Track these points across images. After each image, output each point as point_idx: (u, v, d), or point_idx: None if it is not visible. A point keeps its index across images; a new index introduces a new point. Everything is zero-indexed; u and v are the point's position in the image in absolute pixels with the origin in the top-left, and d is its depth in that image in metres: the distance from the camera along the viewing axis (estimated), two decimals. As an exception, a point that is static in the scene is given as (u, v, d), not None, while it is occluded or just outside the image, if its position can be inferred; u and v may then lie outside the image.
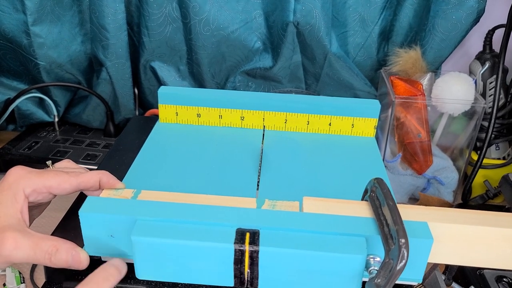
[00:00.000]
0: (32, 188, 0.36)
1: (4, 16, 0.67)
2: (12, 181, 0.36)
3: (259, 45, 0.73)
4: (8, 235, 0.33)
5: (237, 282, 0.32)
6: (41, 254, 0.34)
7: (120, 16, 0.67)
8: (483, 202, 0.64)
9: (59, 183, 0.37)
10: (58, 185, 0.37)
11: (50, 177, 0.37)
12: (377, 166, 0.49)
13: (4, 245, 0.33)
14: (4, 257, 0.33)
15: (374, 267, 0.31)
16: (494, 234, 0.33)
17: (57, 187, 0.37)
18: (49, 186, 0.37)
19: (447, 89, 0.61)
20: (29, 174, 0.36)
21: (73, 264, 0.35)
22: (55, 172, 0.38)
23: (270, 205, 0.37)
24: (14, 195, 0.35)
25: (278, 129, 0.55)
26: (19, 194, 0.36)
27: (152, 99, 0.80)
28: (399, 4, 0.70)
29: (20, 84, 0.77)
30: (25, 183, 0.36)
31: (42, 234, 0.35)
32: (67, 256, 0.34)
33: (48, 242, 0.34)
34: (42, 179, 0.37)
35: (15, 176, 0.36)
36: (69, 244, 0.34)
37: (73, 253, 0.34)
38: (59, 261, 0.34)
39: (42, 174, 0.37)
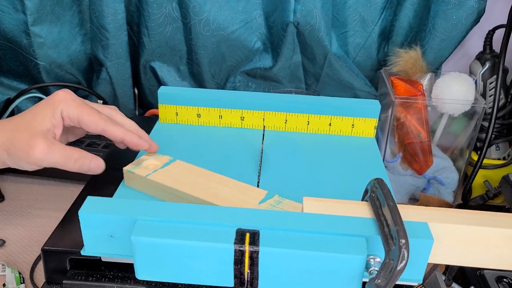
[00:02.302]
0: (67, 114, 0.41)
1: (4, 16, 0.67)
2: (56, 100, 0.41)
3: (259, 45, 0.73)
4: (41, 140, 0.39)
5: (237, 282, 0.32)
6: (68, 159, 0.40)
7: (120, 16, 0.67)
8: (483, 203, 0.64)
9: (88, 121, 0.42)
10: (87, 123, 0.42)
11: (86, 113, 0.42)
12: (377, 166, 0.49)
13: (37, 148, 0.39)
14: (36, 160, 0.39)
15: (374, 268, 0.31)
16: (494, 235, 0.33)
17: (86, 123, 0.42)
18: (81, 120, 0.42)
19: (447, 89, 0.61)
20: (72, 101, 0.42)
21: (92, 169, 0.42)
22: (91, 110, 0.42)
23: (276, 201, 0.39)
24: (53, 112, 0.41)
25: (278, 129, 0.55)
26: (57, 113, 0.41)
27: (152, 99, 0.80)
28: (399, 4, 0.70)
29: (20, 84, 0.77)
30: (65, 107, 0.41)
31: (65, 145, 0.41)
32: (90, 161, 0.42)
33: (74, 150, 0.41)
34: (78, 111, 0.42)
35: (60, 97, 0.41)
36: (90, 154, 0.42)
37: (93, 160, 0.42)
38: (82, 165, 0.41)
39: (81, 106, 0.42)
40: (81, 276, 0.38)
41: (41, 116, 0.40)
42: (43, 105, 0.41)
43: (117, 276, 0.38)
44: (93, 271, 0.38)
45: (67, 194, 0.66)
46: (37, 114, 0.41)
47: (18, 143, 0.39)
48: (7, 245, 0.56)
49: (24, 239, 0.57)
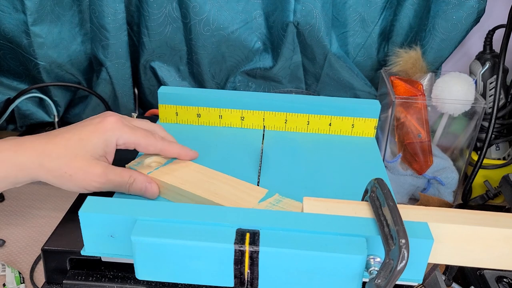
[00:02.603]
0: (124, 141, 0.41)
1: (4, 16, 0.67)
2: (110, 128, 0.40)
3: (259, 45, 0.73)
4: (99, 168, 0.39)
5: (237, 282, 0.32)
6: (123, 185, 0.40)
7: (120, 16, 0.67)
8: (483, 203, 0.64)
9: (147, 144, 0.42)
10: (145, 146, 0.42)
11: (141, 136, 0.42)
12: (377, 166, 0.49)
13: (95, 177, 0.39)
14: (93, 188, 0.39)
15: (374, 268, 0.31)
16: (494, 235, 0.33)
17: (144, 147, 0.43)
18: (137, 144, 0.42)
19: (447, 89, 0.61)
20: (125, 127, 0.41)
21: (146, 193, 0.41)
22: (146, 132, 0.43)
23: (276, 199, 0.40)
24: (106, 141, 0.40)
25: (278, 129, 0.55)
26: (112, 142, 0.41)
27: (152, 99, 0.80)
28: (399, 4, 0.70)
29: (20, 84, 0.77)
30: (120, 135, 0.41)
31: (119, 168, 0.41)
32: (142, 186, 0.41)
33: (128, 173, 0.41)
34: (134, 136, 0.42)
35: (113, 125, 0.41)
36: (144, 177, 0.42)
37: (147, 184, 0.41)
38: (135, 189, 0.41)
39: (135, 131, 0.42)
40: (81, 276, 0.37)
41: (92, 143, 0.39)
42: (92, 130, 0.40)
43: (117, 276, 0.38)
44: (93, 271, 0.38)
45: (67, 194, 0.66)
46: (86, 140, 0.39)
47: (74, 173, 0.38)
48: (7, 245, 0.56)
49: (24, 239, 0.57)
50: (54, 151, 0.38)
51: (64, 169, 0.38)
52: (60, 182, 0.39)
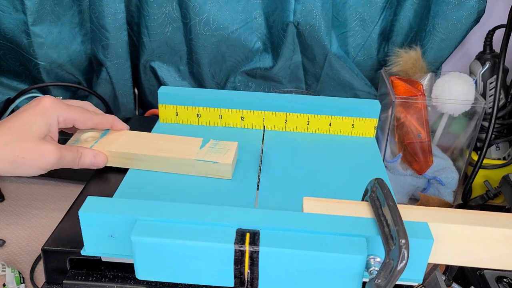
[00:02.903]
0: (63, 118, 0.43)
1: (4, 16, 0.67)
2: (48, 107, 0.42)
3: (259, 45, 0.73)
4: (50, 146, 0.40)
5: (237, 282, 0.32)
6: (74, 158, 0.43)
7: (120, 16, 0.67)
8: (483, 203, 0.64)
9: (84, 119, 0.45)
10: (83, 121, 0.45)
11: (77, 112, 0.44)
12: (377, 166, 0.49)
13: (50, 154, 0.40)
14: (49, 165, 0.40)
15: (375, 268, 0.31)
16: (494, 235, 0.33)
17: (82, 122, 0.45)
18: (76, 119, 0.44)
19: (447, 89, 0.61)
20: (62, 105, 0.43)
21: (96, 163, 0.45)
22: (81, 109, 0.45)
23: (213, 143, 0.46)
24: (48, 119, 0.42)
25: (278, 129, 0.55)
26: (53, 120, 0.42)
27: (152, 99, 0.80)
28: (399, 4, 0.70)
29: (20, 84, 0.77)
30: (59, 112, 0.43)
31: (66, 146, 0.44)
32: (90, 158, 0.44)
33: (76, 148, 0.44)
34: (72, 113, 0.44)
35: (51, 104, 0.42)
36: (89, 150, 0.44)
37: (94, 155, 0.44)
38: (84, 162, 0.44)
39: (71, 108, 0.44)
40: (81, 276, 0.38)
41: (35, 124, 0.41)
42: (32, 113, 0.42)
43: (117, 276, 0.38)
44: (93, 271, 0.38)
45: (67, 194, 0.66)
46: (30, 123, 0.41)
47: (26, 154, 0.39)
48: (7, 245, 0.56)
49: (24, 239, 0.57)
50: (1, 139, 0.39)
51: (16, 153, 0.39)
52: (15, 167, 0.40)
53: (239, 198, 0.42)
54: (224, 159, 0.44)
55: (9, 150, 0.39)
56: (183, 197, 0.42)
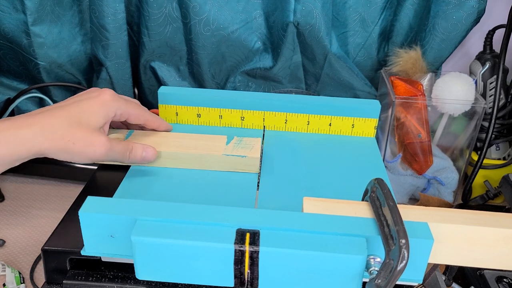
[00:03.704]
0: (121, 112, 0.44)
1: (4, 16, 0.67)
2: (109, 99, 0.43)
3: (259, 45, 0.73)
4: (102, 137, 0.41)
5: (237, 282, 0.32)
6: (124, 152, 0.43)
7: (120, 16, 0.67)
8: (483, 203, 0.64)
9: (138, 114, 0.46)
10: (137, 116, 0.46)
11: (133, 107, 0.46)
12: (377, 166, 0.49)
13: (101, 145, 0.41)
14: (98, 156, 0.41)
15: (375, 268, 0.31)
16: (494, 235, 0.33)
17: (135, 117, 0.46)
18: (131, 114, 0.46)
19: (447, 89, 0.61)
20: (121, 99, 0.44)
21: (146, 157, 0.45)
22: (136, 104, 0.47)
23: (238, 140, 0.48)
24: (107, 111, 0.43)
25: (278, 129, 0.55)
26: (111, 112, 0.43)
27: (152, 99, 0.80)
28: (399, 4, 0.70)
29: (20, 84, 0.77)
30: (119, 106, 0.44)
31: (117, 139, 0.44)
32: (141, 151, 0.44)
33: (127, 143, 0.44)
34: (128, 107, 0.45)
35: (111, 97, 0.43)
36: (140, 144, 0.45)
37: (145, 148, 0.45)
38: (135, 156, 0.44)
39: (129, 103, 0.45)
40: (81, 276, 0.37)
41: (94, 114, 0.42)
42: (92, 103, 0.42)
43: (117, 276, 0.38)
44: (93, 271, 0.38)
45: (67, 194, 0.66)
46: (88, 112, 0.41)
47: (77, 140, 0.40)
48: (7, 245, 0.56)
49: (24, 239, 0.57)
50: (56, 122, 0.39)
51: (67, 137, 0.39)
52: (64, 151, 0.40)
53: (239, 198, 0.42)
54: (252, 153, 0.46)
55: (63, 134, 0.39)
56: (183, 197, 0.42)
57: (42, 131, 0.39)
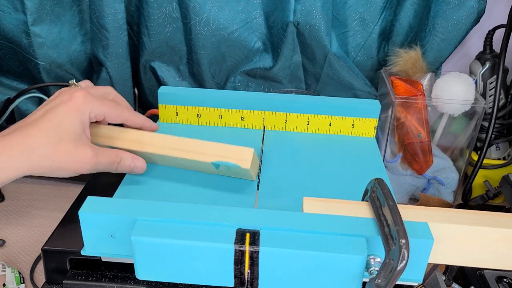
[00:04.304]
0: (95, 113, 0.42)
1: (4, 16, 0.67)
2: (81, 103, 0.40)
3: (259, 45, 0.73)
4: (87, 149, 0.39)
5: (237, 282, 0.32)
6: (112, 163, 0.41)
7: (120, 16, 0.67)
8: (483, 203, 0.64)
9: (115, 115, 0.44)
10: (114, 116, 0.44)
11: (109, 107, 0.43)
12: (377, 166, 0.49)
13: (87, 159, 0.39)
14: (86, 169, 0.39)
15: (375, 268, 0.31)
16: (494, 235, 0.33)
17: (112, 117, 0.44)
18: (107, 114, 0.43)
19: (447, 89, 0.61)
20: (94, 100, 0.42)
21: (134, 169, 0.43)
22: (113, 103, 0.44)
23: None
24: (81, 117, 0.40)
25: (278, 129, 0.55)
26: (86, 117, 0.41)
27: (152, 99, 0.80)
28: (399, 4, 0.70)
29: (20, 84, 0.77)
30: (92, 108, 0.41)
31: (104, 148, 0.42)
32: (130, 162, 0.43)
33: (114, 152, 0.42)
34: (103, 107, 0.42)
35: (83, 99, 0.41)
36: (128, 153, 0.43)
37: (134, 160, 0.43)
38: (123, 167, 0.42)
39: (103, 103, 0.43)
40: (81, 276, 0.38)
41: (71, 124, 0.39)
42: (65, 110, 0.40)
43: (117, 276, 0.38)
44: (93, 271, 0.38)
45: (67, 194, 0.66)
46: (65, 123, 0.39)
47: (61, 158, 0.38)
48: (7, 245, 0.56)
49: (24, 239, 0.57)
50: (36, 141, 0.38)
51: (51, 157, 0.38)
52: (51, 170, 0.39)
53: (239, 198, 0.42)
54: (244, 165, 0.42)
55: (45, 154, 0.38)
56: (183, 197, 0.42)
57: (22, 153, 0.37)
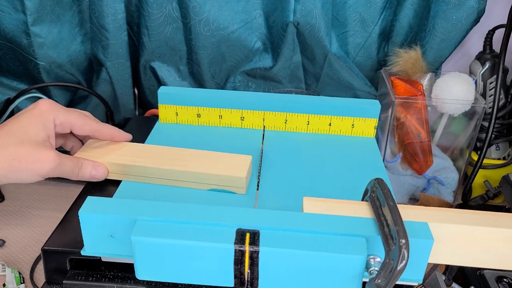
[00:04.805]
0: (60, 121, 0.42)
1: (4, 16, 0.67)
2: (45, 109, 0.41)
3: (259, 45, 0.73)
4: (49, 152, 0.39)
5: (237, 282, 0.32)
6: (74, 168, 0.41)
7: (120, 16, 0.67)
8: (483, 203, 0.64)
9: (82, 124, 0.43)
10: (80, 125, 0.43)
11: (76, 116, 0.43)
12: (377, 166, 0.49)
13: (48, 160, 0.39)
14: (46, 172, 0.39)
15: (375, 268, 0.31)
16: (494, 235, 0.33)
17: (79, 127, 0.43)
18: (74, 124, 0.43)
19: (447, 89, 0.61)
20: (60, 108, 0.42)
21: (95, 175, 0.43)
22: (80, 113, 0.44)
23: None
24: (45, 122, 0.40)
25: (278, 129, 0.55)
26: (50, 123, 0.41)
27: (152, 99, 0.80)
28: (399, 4, 0.70)
29: (20, 84, 0.77)
30: (56, 115, 0.42)
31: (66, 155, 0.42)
32: (90, 169, 0.42)
33: (76, 158, 0.42)
34: (69, 116, 0.42)
35: (48, 106, 0.41)
36: (90, 161, 0.43)
37: (95, 167, 0.43)
38: (84, 173, 0.42)
39: (70, 111, 0.43)
40: (81, 276, 0.38)
41: (32, 127, 0.40)
42: (29, 115, 0.40)
43: (117, 276, 0.38)
44: (93, 271, 0.38)
45: (67, 194, 0.66)
46: (26, 126, 0.40)
47: (22, 157, 0.38)
48: (7, 245, 0.56)
49: (24, 239, 0.57)
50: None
51: (12, 157, 0.38)
52: (11, 171, 0.38)
53: (239, 198, 0.42)
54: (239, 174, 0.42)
55: (5, 154, 0.38)
56: (182, 197, 0.42)
57: None
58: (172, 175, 0.43)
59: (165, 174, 0.43)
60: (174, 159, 0.44)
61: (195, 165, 0.43)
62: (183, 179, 0.43)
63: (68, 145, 0.48)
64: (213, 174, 0.42)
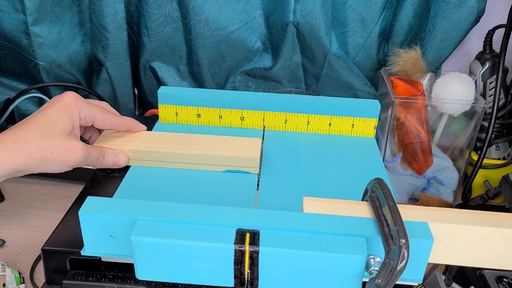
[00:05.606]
0: (84, 114, 0.44)
1: (4, 16, 0.67)
2: (72, 102, 0.43)
3: (259, 45, 0.73)
4: (78, 143, 0.41)
5: (237, 282, 0.32)
6: (99, 157, 0.44)
7: (120, 16, 0.67)
8: (483, 202, 0.64)
9: (103, 118, 0.45)
10: (102, 120, 0.45)
11: (97, 111, 0.45)
12: (377, 166, 0.49)
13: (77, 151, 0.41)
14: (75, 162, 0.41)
15: (374, 268, 0.31)
16: (494, 234, 0.33)
17: (100, 121, 0.45)
18: (96, 118, 0.45)
19: (447, 89, 0.61)
20: (83, 101, 0.44)
21: (117, 162, 0.45)
22: (101, 108, 0.46)
23: None
24: (71, 114, 0.42)
25: (278, 129, 0.55)
26: (76, 115, 0.43)
27: (152, 99, 0.80)
28: (399, 4, 0.70)
29: (20, 84, 0.77)
30: (81, 108, 0.43)
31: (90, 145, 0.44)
32: (113, 157, 0.45)
33: (101, 148, 0.44)
34: (92, 111, 0.44)
35: (73, 99, 0.43)
36: (111, 149, 0.45)
37: (117, 154, 0.45)
38: (107, 161, 0.45)
39: (92, 106, 0.45)
40: (81, 276, 0.37)
41: (61, 120, 0.41)
42: (56, 108, 0.42)
43: (117, 276, 0.38)
44: (93, 271, 0.38)
45: (67, 194, 0.66)
46: (55, 118, 0.41)
47: (54, 149, 0.40)
48: (7, 245, 0.56)
49: (24, 239, 0.57)
50: (29, 135, 0.39)
51: (44, 148, 0.39)
52: (43, 163, 0.40)
53: (239, 198, 0.42)
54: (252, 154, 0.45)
55: (38, 146, 0.39)
56: (183, 197, 0.42)
57: (15, 146, 0.38)
58: (189, 158, 0.46)
59: (182, 158, 0.46)
60: (189, 143, 0.47)
61: (210, 148, 0.46)
62: (199, 162, 0.46)
63: (87, 134, 0.50)
64: (228, 156, 0.45)
